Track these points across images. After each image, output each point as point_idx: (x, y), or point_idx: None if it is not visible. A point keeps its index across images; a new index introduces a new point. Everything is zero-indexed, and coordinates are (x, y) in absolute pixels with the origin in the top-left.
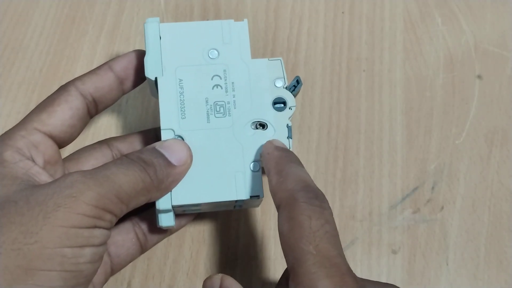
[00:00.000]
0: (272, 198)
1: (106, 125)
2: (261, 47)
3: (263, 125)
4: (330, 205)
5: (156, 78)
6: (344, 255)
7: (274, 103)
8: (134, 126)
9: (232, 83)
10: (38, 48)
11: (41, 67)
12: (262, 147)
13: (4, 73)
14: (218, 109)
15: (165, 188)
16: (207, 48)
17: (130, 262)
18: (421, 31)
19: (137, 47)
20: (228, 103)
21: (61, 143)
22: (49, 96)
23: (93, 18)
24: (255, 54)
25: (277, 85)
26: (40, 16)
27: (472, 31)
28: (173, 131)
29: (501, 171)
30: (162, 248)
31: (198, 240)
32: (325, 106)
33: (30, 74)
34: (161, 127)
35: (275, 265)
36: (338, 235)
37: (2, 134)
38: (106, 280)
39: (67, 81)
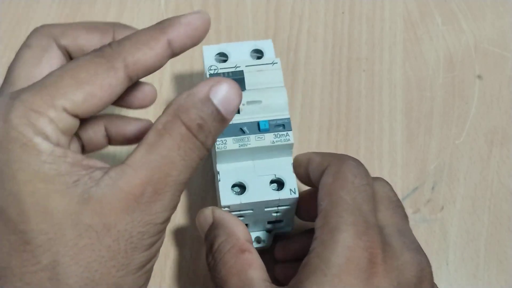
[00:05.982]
0: (316, 162)
1: None
2: None
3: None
4: None
5: None
6: (376, 217)
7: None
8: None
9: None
10: None
11: None
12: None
13: (4, 73)
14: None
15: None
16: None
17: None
18: (421, 31)
19: None
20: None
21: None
22: None
23: (93, 18)
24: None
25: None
26: (40, 16)
27: (472, 31)
28: None
29: (501, 171)
30: (162, 248)
31: (198, 240)
32: (325, 106)
33: None
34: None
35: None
36: (374, 202)
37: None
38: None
39: None
